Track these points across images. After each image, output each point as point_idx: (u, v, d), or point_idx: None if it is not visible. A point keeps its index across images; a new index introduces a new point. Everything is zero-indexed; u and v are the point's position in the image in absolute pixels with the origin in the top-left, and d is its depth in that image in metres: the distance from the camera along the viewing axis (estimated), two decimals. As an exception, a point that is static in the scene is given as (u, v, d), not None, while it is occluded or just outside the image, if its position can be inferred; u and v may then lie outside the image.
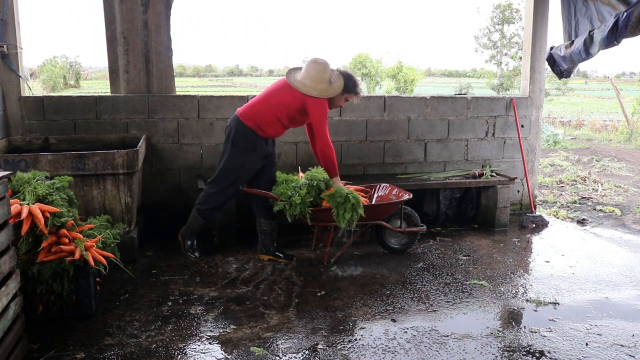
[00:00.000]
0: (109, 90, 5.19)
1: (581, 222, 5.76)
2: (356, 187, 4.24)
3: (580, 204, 6.62)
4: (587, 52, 4.61)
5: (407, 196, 4.33)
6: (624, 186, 7.57)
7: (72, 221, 3.23)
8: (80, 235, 3.24)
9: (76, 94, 5.90)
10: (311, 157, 5.26)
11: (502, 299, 3.65)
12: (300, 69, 4.06)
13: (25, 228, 2.99)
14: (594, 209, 6.32)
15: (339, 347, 2.97)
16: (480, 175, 5.36)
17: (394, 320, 3.30)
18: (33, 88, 4.98)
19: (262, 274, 4.03)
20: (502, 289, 3.84)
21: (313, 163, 5.20)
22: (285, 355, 2.88)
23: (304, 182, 4.13)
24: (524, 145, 5.79)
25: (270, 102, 3.99)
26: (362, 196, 4.16)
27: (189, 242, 4.28)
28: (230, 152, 4.00)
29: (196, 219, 4.19)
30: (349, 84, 4.04)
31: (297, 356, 2.87)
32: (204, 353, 2.90)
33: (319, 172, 4.21)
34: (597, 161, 9.71)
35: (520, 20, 38.41)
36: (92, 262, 3.16)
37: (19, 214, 2.96)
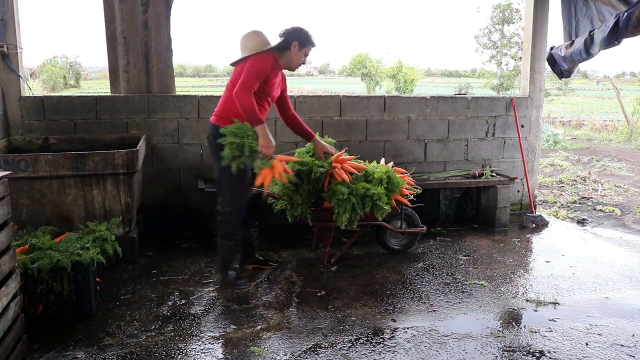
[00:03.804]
0: (109, 90, 5.19)
1: (581, 222, 5.76)
2: (398, 169, 4.27)
3: (580, 204, 6.62)
4: (587, 52, 4.61)
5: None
6: (624, 186, 7.57)
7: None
8: None
9: (76, 94, 5.90)
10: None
11: (502, 299, 3.65)
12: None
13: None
14: (594, 209, 6.32)
15: (339, 347, 2.97)
16: (480, 175, 5.36)
17: (394, 320, 3.30)
18: (33, 88, 4.99)
19: (262, 273, 4.03)
20: (502, 289, 3.83)
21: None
22: (285, 355, 2.88)
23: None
24: (524, 145, 5.79)
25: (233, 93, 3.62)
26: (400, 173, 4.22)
27: (232, 273, 3.81)
28: (223, 161, 3.57)
29: (225, 245, 3.76)
30: (301, 36, 3.72)
31: (296, 356, 2.88)
32: (204, 353, 2.90)
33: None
34: (597, 161, 9.71)
35: (520, 20, 38.40)
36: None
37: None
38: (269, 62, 3.61)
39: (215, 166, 3.75)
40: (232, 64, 3.78)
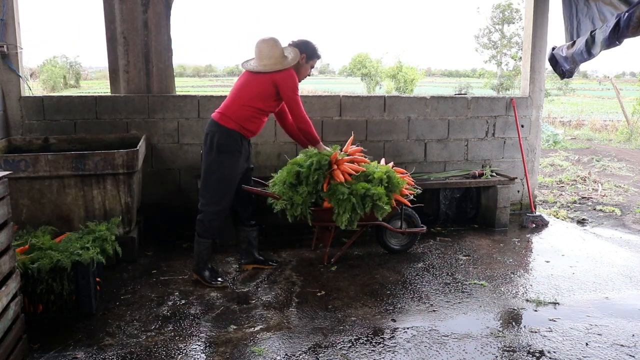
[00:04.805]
0: (109, 90, 5.19)
1: (581, 222, 5.76)
2: (398, 169, 4.29)
3: (580, 204, 6.62)
4: (589, 52, 4.60)
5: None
6: (624, 186, 7.57)
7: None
8: None
9: (76, 94, 5.90)
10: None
11: (502, 299, 3.65)
12: (253, 58, 3.89)
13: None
14: (594, 209, 6.32)
15: (339, 347, 2.97)
16: (480, 175, 5.36)
17: (394, 320, 3.30)
18: (33, 88, 4.99)
19: (262, 273, 4.03)
20: (502, 289, 3.83)
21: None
22: (285, 355, 2.88)
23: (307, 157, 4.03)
24: (524, 145, 5.79)
25: (244, 98, 3.76)
26: (401, 174, 4.23)
27: (206, 273, 3.82)
28: (218, 160, 3.71)
29: (202, 244, 3.79)
30: (309, 49, 3.92)
31: (297, 356, 2.87)
32: (204, 353, 2.90)
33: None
34: (597, 161, 9.71)
35: (520, 20, 38.37)
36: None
37: None
38: (296, 80, 3.83)
39: (205, 163, 3.79)
40: (245, 68, 3.87)
